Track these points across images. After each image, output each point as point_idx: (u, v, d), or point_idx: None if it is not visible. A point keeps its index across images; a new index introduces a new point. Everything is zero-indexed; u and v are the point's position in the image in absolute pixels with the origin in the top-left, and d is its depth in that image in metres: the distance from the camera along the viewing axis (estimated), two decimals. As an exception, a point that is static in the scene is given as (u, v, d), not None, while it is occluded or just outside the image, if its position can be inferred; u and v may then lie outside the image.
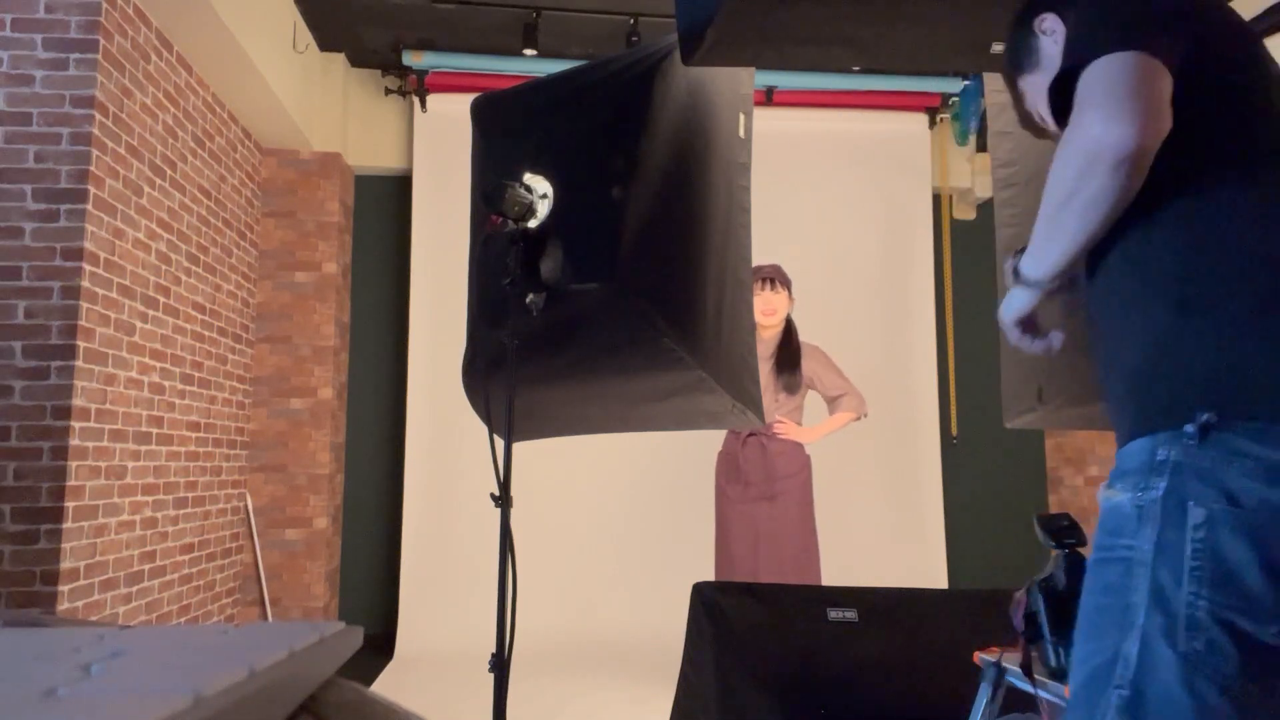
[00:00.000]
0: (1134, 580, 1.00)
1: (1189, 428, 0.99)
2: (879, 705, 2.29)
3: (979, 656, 1.90)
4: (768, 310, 3.62)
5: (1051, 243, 1.13)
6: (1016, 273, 1.22)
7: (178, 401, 3.98)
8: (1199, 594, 0.96)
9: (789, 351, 3.69)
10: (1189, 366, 1.02)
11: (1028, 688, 1.73)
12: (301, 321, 5.08)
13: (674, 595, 3.85)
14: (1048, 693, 1.68)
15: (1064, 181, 1.08)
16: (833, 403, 3.77)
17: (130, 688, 0.36)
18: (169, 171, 3.85)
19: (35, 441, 3.04)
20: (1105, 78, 1.06)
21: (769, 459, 3.62)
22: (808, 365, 3.71)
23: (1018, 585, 1.71)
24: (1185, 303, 1.05)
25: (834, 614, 2.49)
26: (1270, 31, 3.77)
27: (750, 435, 3.66)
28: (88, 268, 3.16)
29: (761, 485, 3.62)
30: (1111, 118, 1.03)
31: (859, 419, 3.78)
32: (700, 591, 2.55)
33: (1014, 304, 1.25)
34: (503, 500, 1.97)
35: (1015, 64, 1.35)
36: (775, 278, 3.66)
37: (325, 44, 5.18)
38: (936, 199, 5.69)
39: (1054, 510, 5.62)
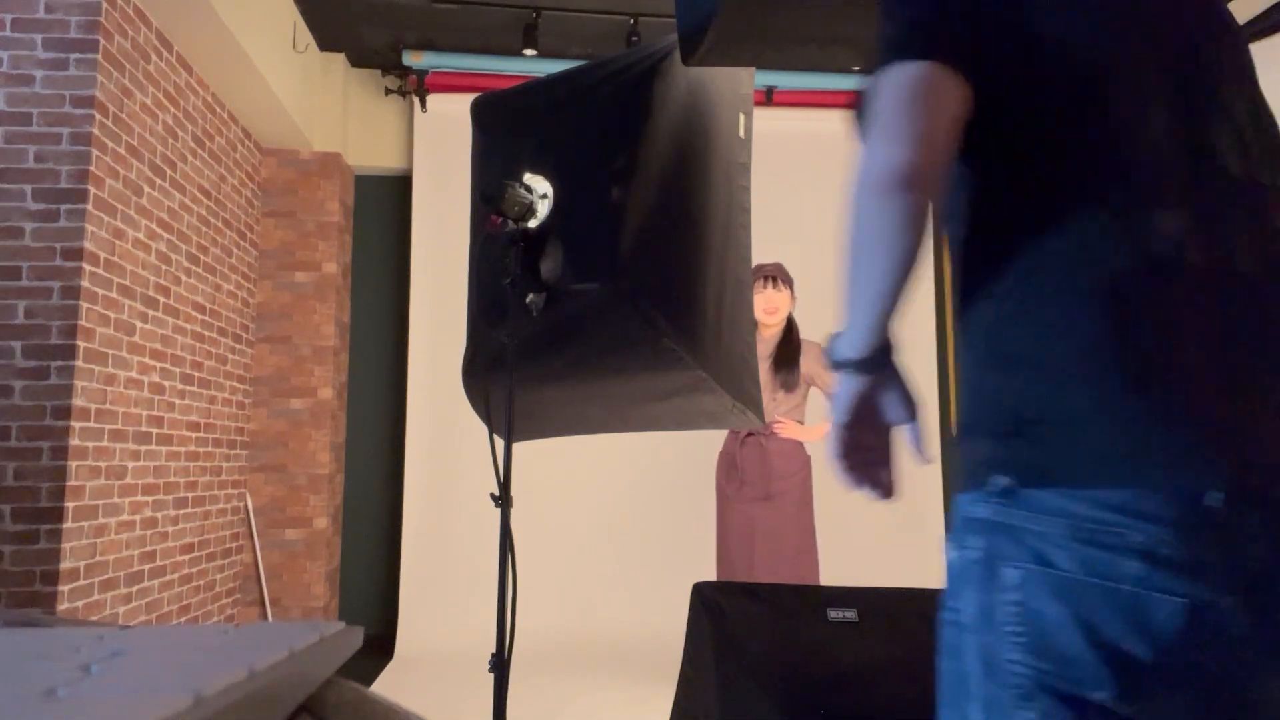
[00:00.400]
0: (965, 646, 0.94)
1: (996, 484, 0.91)
2: (879, 705, 2.29)
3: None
4: (770, 309, 3.61)
5: (854, 308, 0.97)
6: (835, 364, 1.02)
7: (178, 401, 3.98)
8: (1023, 662, 0.88)
9: (788, 350, 3.68)
10: (998, 421, 0.93)
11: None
12: (301, 321, 5.08)
13: (674, 595, 3.85)
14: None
15: (849, 231, 0.94)
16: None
17: (130, 688, 0.36)
18: (169, 171, 3.85)
19: (35, 441, 3.04)
20: (876, 101, 0.93)
21: (767, 458, 3.62)
22: (806, 362, 3.70)
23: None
24: (995, 355, 0.95)
25: (834, 614, 2.49)
26: (1270, 31, 3.77)
27: (749, 435, 3.66)
28: (88, 268, 3.16)
29: (759, 485, 3.62)
30: (878, 142, 0.91)
31: None
32: (700, 591, 2.55)
33: (839, 407, 1.03)
34: (503, 500, 1.97)
35: None
36: (777, 276, 3.65)
37: (325, 44, 5.18)
38: (936, 199, 5.68)
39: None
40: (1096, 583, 0.85)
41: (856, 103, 1.03)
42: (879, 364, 0.99)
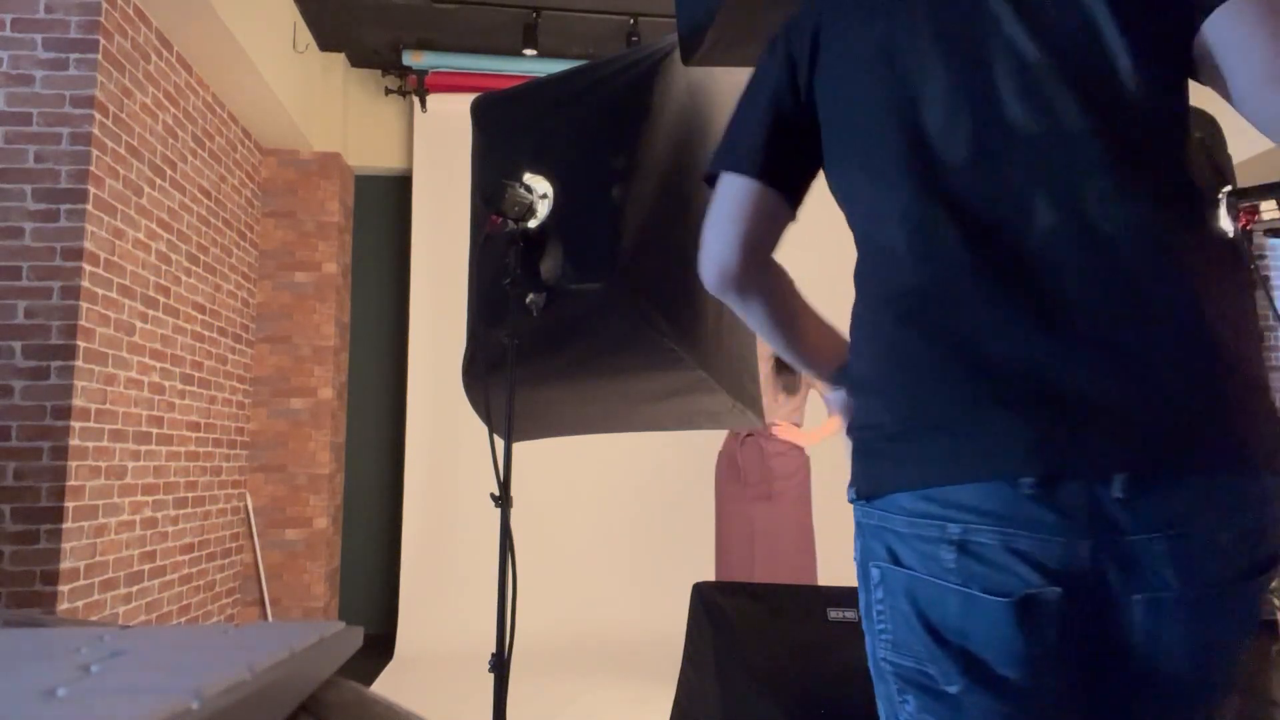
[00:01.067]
0: (867, 646, 0.97)
1: (855, 493, 0.96)
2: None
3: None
4: None
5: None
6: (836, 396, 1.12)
7: (178, 401, 3.98)
8: (889, 659, 0.92)
9: None
10: (854, 432, 0.98)
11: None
12: (301, 321, 5.08)
13: (674, 595, 3.85)
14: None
15: None
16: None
17: (130, 688, 0.36)
18: (169, 171, 3.85)
19: (35, 441, 3.04)
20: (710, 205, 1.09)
21: (766, 459, 3.63)
22: None
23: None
24: (850, 383, 1.01)
25: (834, 614, 2.49)
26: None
27: (748, 436, 3.66)
28: (88, 268, 3.16)
29: (758, 485, 3.63)
30: (708, 240, 1.08)
31: None
32: (700, 591, 2.55)
33: (843, 415, 1.07)
34: (503, 500, 1.97)
35: None
36: None
37: (325, 44, 5.18)
38: (936, 199, 5.69)
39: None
40: (927, 579, 0.87)
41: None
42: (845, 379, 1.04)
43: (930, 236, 0.90)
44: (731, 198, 1.06)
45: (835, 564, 4.40)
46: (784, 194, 1.07)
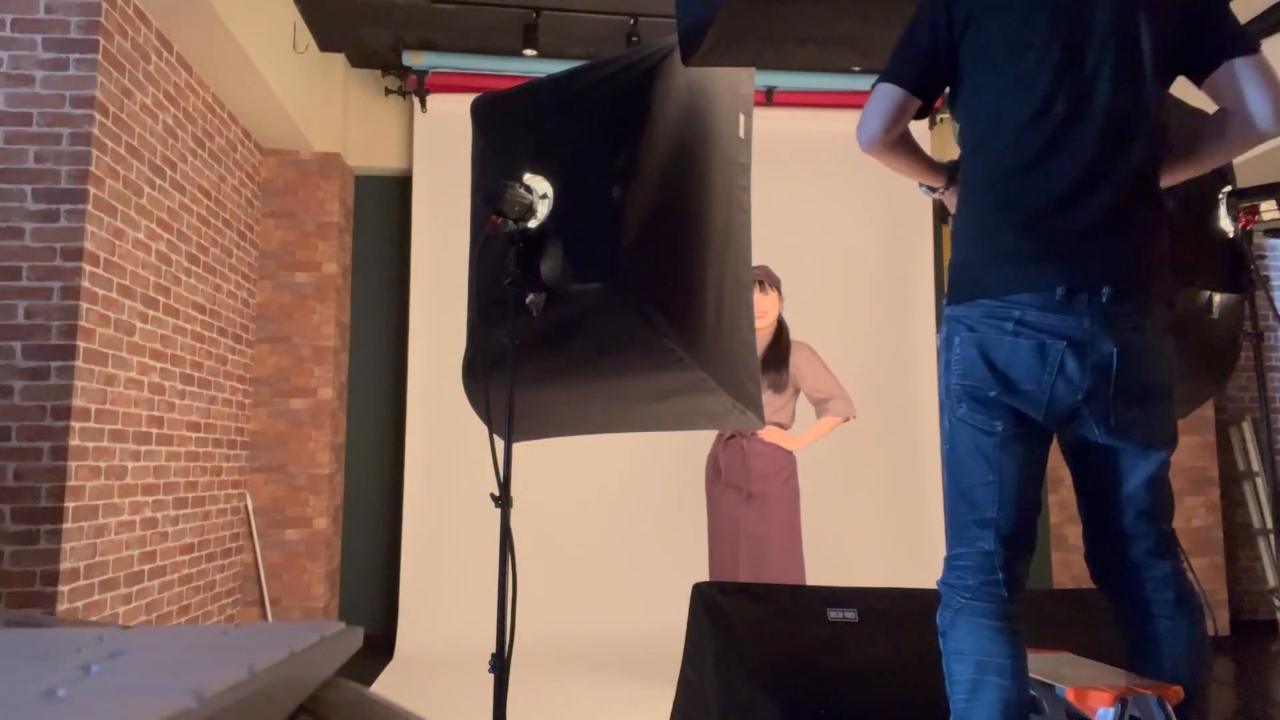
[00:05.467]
0: (940, 384, 1.75)
1: (951, 299, 1.74)
2: (879, 705, 2.29)
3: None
4: (759, 312, 3.60)
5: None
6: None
7: (178, 402, 3.98)
8: (958, 382, 1.69)
9: (776, 351, 3.67)
10: (953, 263, 1.76)
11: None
12: (301, 321, 5.08)
13: (674, 595, 3.85)
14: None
15: None
16: (819, 405, 3.73)
17: (130, 688, 0.36)
18: (169, 172, 3.85)
19: (35, 441, 3.04)
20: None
21: (747, 460, 3.61)
22: (793, 362, 3.69)
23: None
24: (953, 232, 1.79)
25: (834, 614, 2.49)
26: (1270, 31, 3.77)
27: (730, 437, 3.66)
28: (88, 268, 3.16)
29: (740, 485, 3.62)
30: (864, 115, 1.77)
31: (847, 421, 3.75)
32: (700, 591, 2.55)
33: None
34: (503, 500, 1.97)
35: None
36: (764, 279, 3.64)
37: (325, 44, 5.18)
38: (936, 199, 5.69)
39: (1053, 511, 5.62)
40: (994, 336, 1.64)
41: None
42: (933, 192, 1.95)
43: (1033, 141, 1.67)
44: (890, 97, 1.72)
45: (834, 564, 4.41)
46: (923, 100, 1.75)
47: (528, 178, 2.14)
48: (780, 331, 3.72)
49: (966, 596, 1.65)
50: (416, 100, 5.28)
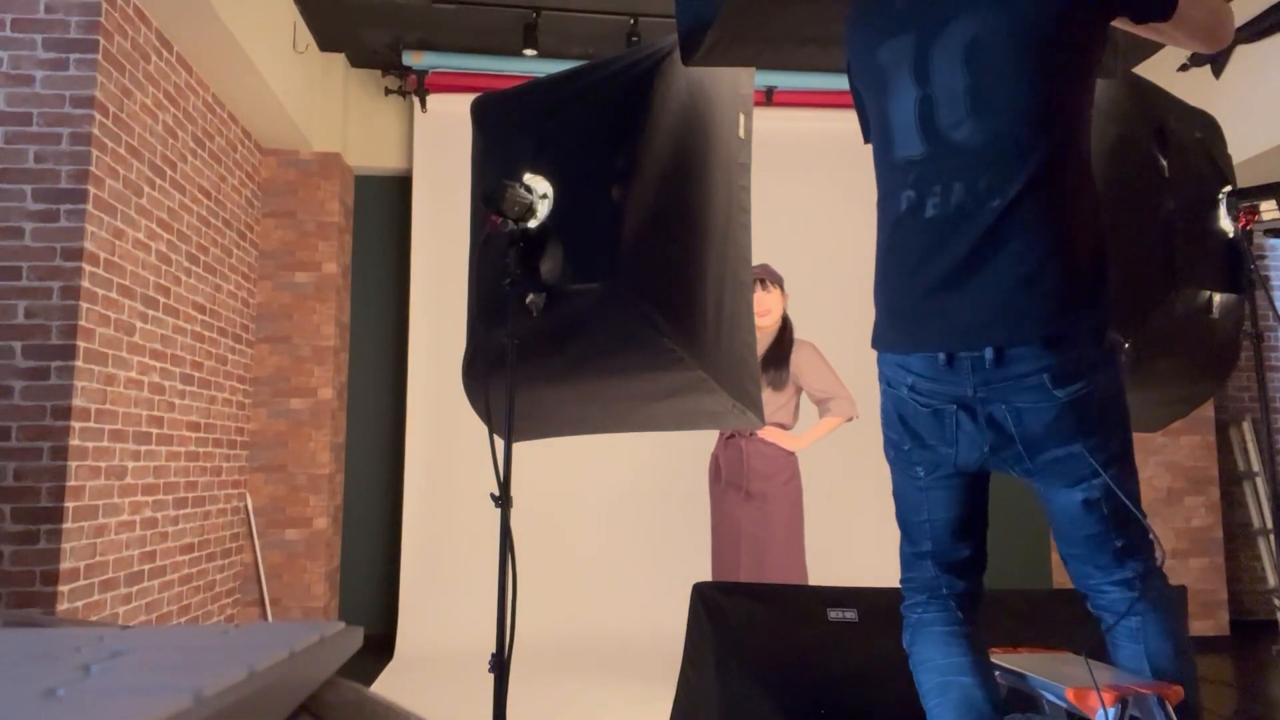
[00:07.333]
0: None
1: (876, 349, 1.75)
2: (879, 705, 2.29)
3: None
4: (761, 310, 3.60)
5: None
6: None
7: (178, 402, 3.98)
8: (885, 432, 1.77)
9: (778, 349, 3.67)
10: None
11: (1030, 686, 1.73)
12: (301, 321, 5.08)
13: (674, 595, 3.85)
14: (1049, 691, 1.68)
15: None
16: (820, 405, 3.73)
17: (130, 688, 0.36)
18: (169, 172, 3.85)
19: (35, 441, 3.04)
20: None
21: (746, 459, 3.61)
22: (794, 361, 3.68)
23: (1016, 585, 1.72)
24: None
25: (834, 614, 2.49)
26: (1270, 31, 3.76)
27: (730, 436, 3.65)
28: (88, 268, 3.16)
29: (740, 485, 3.61)
30: None
31: (849, 421, 3.74)
32: (700, 591, 2.55)
33: None
34: (503, 500, 1.97)
35: None
36: (765, 278, 3.64)
37: (325, 44, 5.18)
38: (936, 199, 5.68)
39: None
40: (899, 393, 1.69)
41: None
42: None
43: (902, 206, 1.68)
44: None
45: (834, 564, 4.40)
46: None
47: (528, 178, 2.14)
48: (784, 329, 3.71)
49: (920, 612, 1.75)
50: (416, 100, 5.28)
